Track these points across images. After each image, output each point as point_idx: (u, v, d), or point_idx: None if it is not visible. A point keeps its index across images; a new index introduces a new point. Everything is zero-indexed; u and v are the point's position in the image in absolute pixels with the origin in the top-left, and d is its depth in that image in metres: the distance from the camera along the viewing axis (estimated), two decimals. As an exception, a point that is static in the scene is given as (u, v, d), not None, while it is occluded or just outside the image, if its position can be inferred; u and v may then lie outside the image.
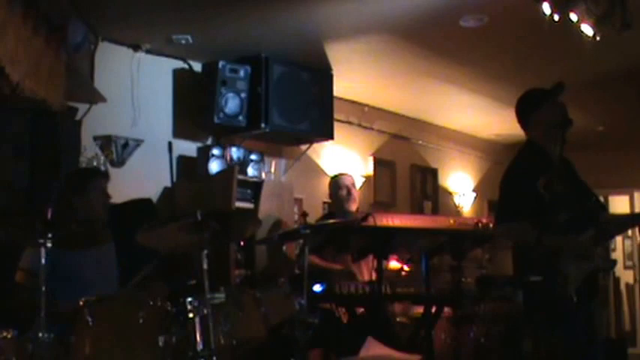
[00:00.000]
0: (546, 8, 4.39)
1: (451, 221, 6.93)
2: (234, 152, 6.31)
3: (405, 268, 5.38)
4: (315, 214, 6.82)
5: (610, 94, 7.00)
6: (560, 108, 4.09)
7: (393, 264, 5.51)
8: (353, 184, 5.70)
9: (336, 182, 5.73)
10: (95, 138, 5.73)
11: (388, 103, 8.09)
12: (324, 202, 7.49)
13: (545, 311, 4.02)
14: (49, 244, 3.07)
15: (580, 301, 3.94)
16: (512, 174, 4.18)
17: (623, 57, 6.35)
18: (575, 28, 4.50)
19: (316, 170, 7.49)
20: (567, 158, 4.28)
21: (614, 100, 7.27)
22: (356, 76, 7.13)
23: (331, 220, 5.11)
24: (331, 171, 7.55)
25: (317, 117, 6.74)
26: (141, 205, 5.43)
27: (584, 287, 3.95)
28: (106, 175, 4.35)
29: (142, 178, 5.77)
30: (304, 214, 5.17)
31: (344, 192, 5.59)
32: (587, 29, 4.50)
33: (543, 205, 4.00)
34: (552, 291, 3.97)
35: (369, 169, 8.11)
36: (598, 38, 4.56)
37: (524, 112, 4.21)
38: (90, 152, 5.64)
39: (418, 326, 4.96)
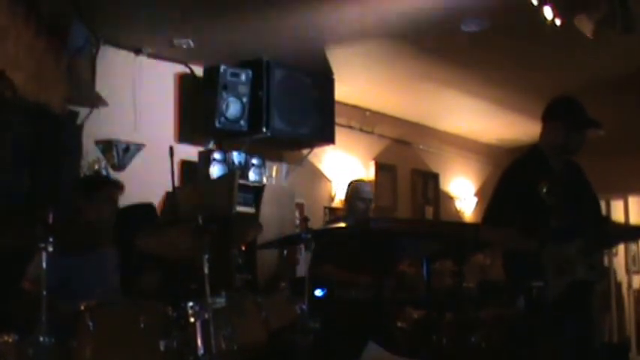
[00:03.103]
0: (548, 12, 4.39)
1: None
2: (236, 157, 6.31)
3: (408, 270, 5.36)
4: (316, 219, 6.82)
5: (609, 99, 6.99)
6: (580, 141, 4.11)
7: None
8: (372, 198, 5.57)
9: (357, 191, 5.56)
10: (96, 142, 5.74)
11: (389, 107, 8.09)
12: (326, 207, 7.49)
13: (537, 317, 4.03)
14: (50, 249, 3.07)
15: (565, 310, 3.94)
16: (509, 176, 4.17)
17: (622, 63, 6.35)
18: (576, 32, 4.50)
19: (317, 175, 7.49)
20: (578, 165, 4.27)
21: (614, 105, 7.27)
22: (357, 81, 7.13)
23: (333, 225, 5.10)
24: (333, 176, 7.55)
25: (318, 121, 6.74)
26: (142, 209, 5.43)
27: (569, 298, 3.95)
28: (119, 186, 4.33)
29: (143, 183, 5.76)
30: (305, 219, 5.14)
31: (363, 205, 5.46)
32: (589, 33, 4.50)
33: (543, 210, 4.00)
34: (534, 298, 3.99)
35: (370, 173, 8.11)
36: (599, 42, 4.56)
37: (551, 114, 4.21)
38: (91, 156, 5.64)
39: (419, 331, 4.95)
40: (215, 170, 6.19)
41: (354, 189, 5.62)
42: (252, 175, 6.35)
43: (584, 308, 4.13)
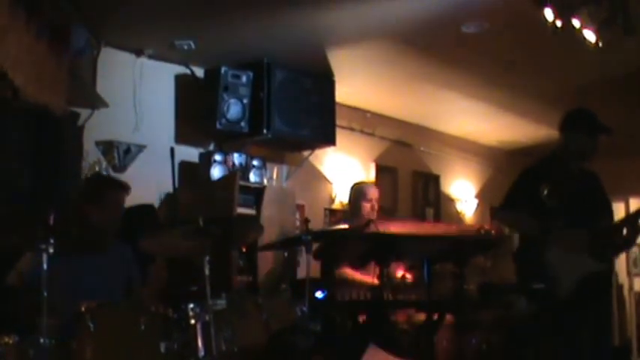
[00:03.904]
0: (548, 14, 4.39)
1: (453, 228, 6.91)
2: (236, 158, 6.31)
3: (407, 275, 5.35)
4: (317, 220, 6.81)
5: (610, 101, 7.00)
6: (594, 147, 4.35)
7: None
8: (377, 199, 5.59)
9: (362, 192, 5.56)
10: (97, 143, 5.73)
11: (390, 109, 8.09)
12: (326, 209, 7.48)
13: (547, 316, 4.07)
14: (50, 250, 3.06)
15: (580, 304, 3.98)
16: (523, 176, 4.34)
17: (623, 64, 6.35)
18: (577, 34, 4.51)
19: (318, 177, 7.49)
20: (596, 175, 4.41)
21: (614, 107, 7.27)
22: (358, 82, 7.13)
23: (336, 227, 5.11)
24: (333, 177, 7.55)
25: (319, 123, 6.73)
26: (143, 210, 5.43)
27: (585, 290, 4.00)
28: (126, 188, 4.31)
29: (143, 184, 5.75)
30: (306, 221, 5.13)
31: (368, 205, 5.47)
32: (590, 35, 4.50)
33: (544, 211, 4.07)
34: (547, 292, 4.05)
35: (370, 175, 8.10)
36: (600, 44, 4.56)
37: (564, 125, 4.46)
38: (92, 157, 5.64)
39: (420, 333, 4.95)
40: (216, 172, 6.18)
41: (359, 191, 5.62)
42: (252, 177, 6.35)
43: (602, 301, 4.21)
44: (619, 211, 9.96)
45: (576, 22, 4.47)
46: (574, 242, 4.12)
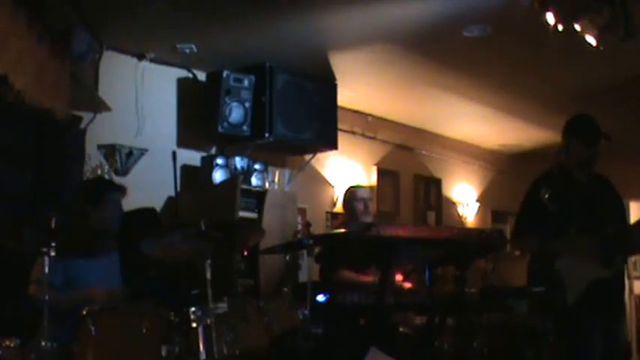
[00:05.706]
0: (550, 18, 4.39)
1: (455, 232, 6.89)
2: (238, 162, 6.31)
3: (407, 284, 5.34)
4: (318, 224, 6.81)
5: (611, 104, 7.00)
6: (595, 153, 4.32)
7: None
8: (370, 198, 5.62)
9: (352, 193, 5.63)
10: (99, 147, 5.74)
11: (392, 113, 8.09)
12: (328, 212, 7.48)
13: (553, 321, 4.09)
14: (52, 253, 3.07)
15: (589, 311, 3.99)
16: (531, 188, 4.38)
17: (623, 68, 6.35)
18: (578, 38, 4.51)
19: (320, 180, 7.49)
20: (606, 178, 4.48)
21: (615, 111, 7.27)
22: (360, 86, 7.13)
23: (337, 231, 5.10)
24: (335, 181, 7.55)
25: (321, 127, 6.74)
26: (144, 214, 5.43)
27: (594, 297, 4.01)
28: (123, 189, 4.34)
29: (145, 188, 5.77)
30: (308, 224, 5.15)
31: (361, 205, 5.50)
32: (591, 39, 4.51)
33: (548, 215, 4.08)
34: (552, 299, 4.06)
35: (372, 179, 8.11)
36: (601, 48, 4.57)
37: (565, 132, 4.44)
38: (94, 161, 5.65)
39: (421, 337, 4.95)
40: (218, 175, 6.19)
41: (350, 192, 5.69)
42: (254, 181, 6.35)
43: (611, 307, 4.22)
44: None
45: (577, 27, 4.47)
46: (584, 249, 4.12)
